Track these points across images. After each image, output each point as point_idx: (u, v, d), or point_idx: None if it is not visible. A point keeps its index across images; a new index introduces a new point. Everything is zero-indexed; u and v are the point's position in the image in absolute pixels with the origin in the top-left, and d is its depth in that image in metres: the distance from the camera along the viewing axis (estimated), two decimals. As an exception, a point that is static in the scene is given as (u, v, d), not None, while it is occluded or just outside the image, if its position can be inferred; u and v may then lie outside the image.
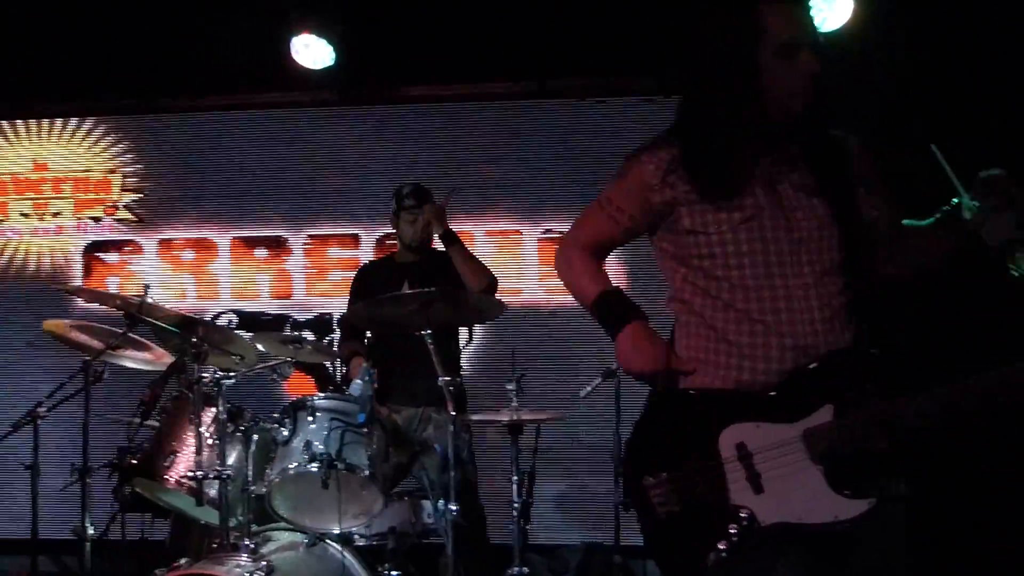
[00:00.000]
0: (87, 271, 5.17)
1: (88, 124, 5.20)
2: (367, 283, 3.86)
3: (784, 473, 1.82)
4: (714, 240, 1.89)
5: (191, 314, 3.25)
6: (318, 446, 2.91)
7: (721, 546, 1.82)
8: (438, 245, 3.87)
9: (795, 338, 1.84)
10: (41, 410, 3.45)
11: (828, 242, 1.87)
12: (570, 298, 2.23)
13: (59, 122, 5.22)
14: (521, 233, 4.85)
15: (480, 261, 3.75)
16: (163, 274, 5.10)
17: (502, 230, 4.85)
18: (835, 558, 1.82)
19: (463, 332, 4.14)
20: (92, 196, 5.19)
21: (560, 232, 4.80)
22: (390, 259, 3.98)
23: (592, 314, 2.09)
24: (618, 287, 2.10)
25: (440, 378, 2.90)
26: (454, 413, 2.86)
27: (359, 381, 2.94)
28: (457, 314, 3.24)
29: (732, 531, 1.81)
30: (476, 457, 4.58)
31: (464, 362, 4.57)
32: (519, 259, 4.83)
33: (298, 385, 4.59)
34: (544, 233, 4.84)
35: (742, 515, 1.82)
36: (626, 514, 4.06)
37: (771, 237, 1.86)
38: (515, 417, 3.15)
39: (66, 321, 3.72)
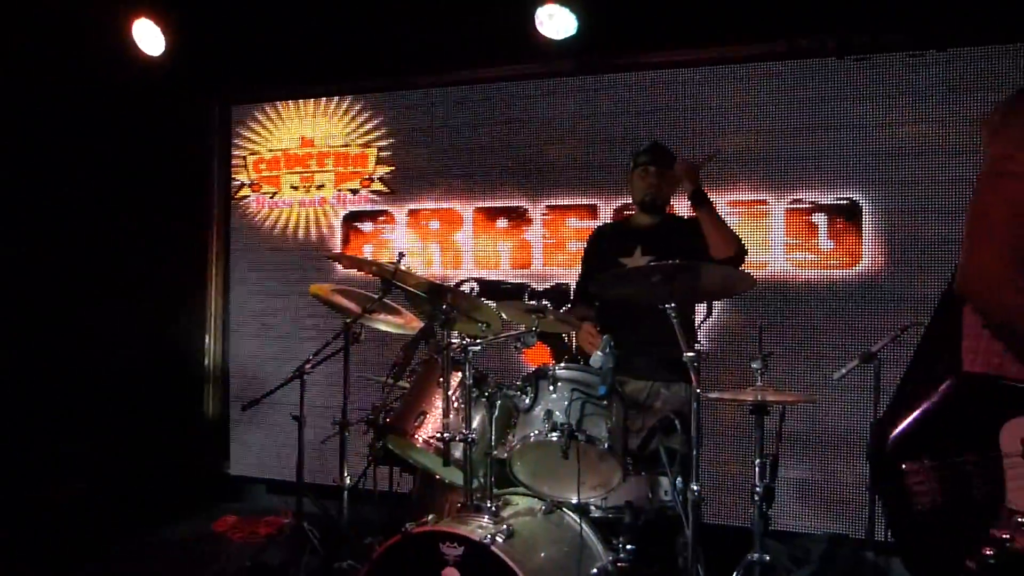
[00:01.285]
0: (345, 239, 5.54)
1: (347, 102, 5.55)
2: (600, 246, 3.82)
3: None
4: None
5: (439, 281, 3.35)
6: (559, 416, 2.91)
7: (987, 552, 1.61)
8: (678, 211, 3.73)
9: None
10: (307, 367, 3.73)
11: None
12: (820, 273, 2.05)
13: (322, 101, 5.61)
14: (767, 203, 4.59)
15: (730, 227, 3.54)
16: (412, 243, 5.36)
17: (746, 200, 4.62)
18: None
19: (701, 305, 3.98)
20: (350, 170, 5.55)
21: (810, 202, 4.50)
22: (626, 222, 3.88)
23: None
24: None
25: (684, 352, 2.78)
26: (699, 390, 2.74)
27: (600, 353, 2.89)
28: (703, 287, 3.10)
29: (1004, 536, 1.60)
30: (717, 437, 4.45)
31: (704, 337, 4.44)
32: (765, 230, 4.58)
33: (533, 354, 4.67)
34: (792, 203, 4.55)
35: (1019, 520, 1.60)
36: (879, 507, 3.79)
37: None
38: (759, 397, 2.98)
39: (329, 285, 3.99)
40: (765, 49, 4.62)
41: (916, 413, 1.75)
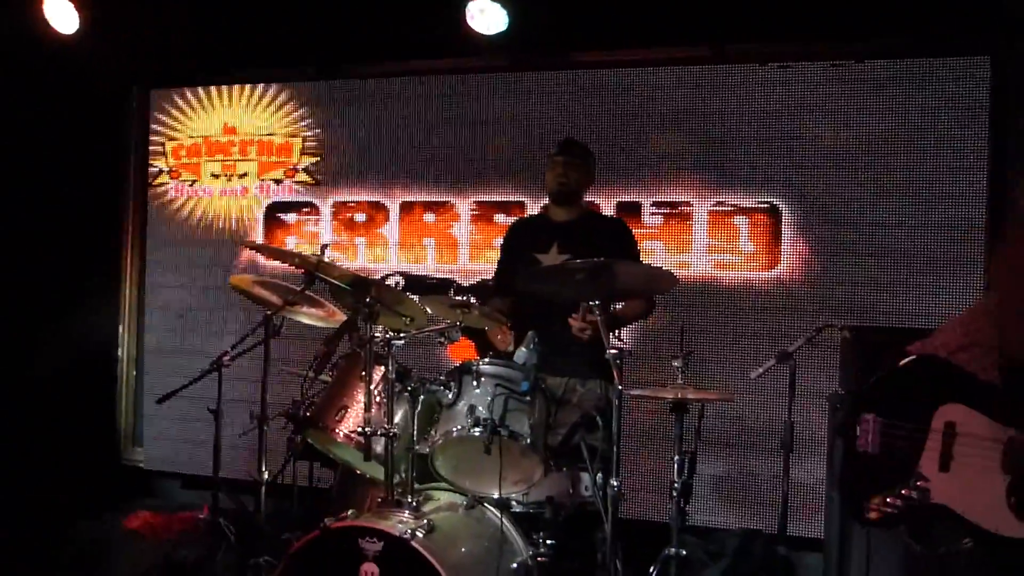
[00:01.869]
0: (268, 230, 5.44)
1: (272, 91, 5.44)
2: (517, 240, 3.85)
3: (973, 465, 1.97)
4: None
5: (363, 274, 3.31)
6: (482, 411, 2.92)
7: (889, 500, 2.06)
8: (589, 205, 3.80)
9: None
10: (225, 360, 3.64)
11: None
12: (742, 274, 2.22)
13: (247, 88, 5.49)
14: (691, 204, 4.67)
15: (641, 307, 3.72)
16: (337, 234, 5.29)
17: (671, 200, 4.70)
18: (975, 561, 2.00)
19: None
20: (274, 159, 5.45)
21: (732, 204, 4.60)
22: (542, 217, 3.90)
23: None
24: None
25: (607, 350, 2.81)
26: (621, 387, 2.77)
27: (524, 349, 2.91)
28: (625, 285, 3.13)
29: (903, 493, 2.04)
30: (638, 434, 4.51)
31: (627, 335, 4.49)
32: (688, 232, 4.66)
33: (457, 349, 4.66)
34: (715, 206, 4.64)
35: (919, 483, 2.03)
36: (792, 503, 3.90)
37: None
38: (679, 395, 3.04)
39: (250, 276, 3.90)
40: (692, 53, 4.71)
41: (883, 375, 2.23)
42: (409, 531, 2.68)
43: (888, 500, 2.04)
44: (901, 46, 4.40)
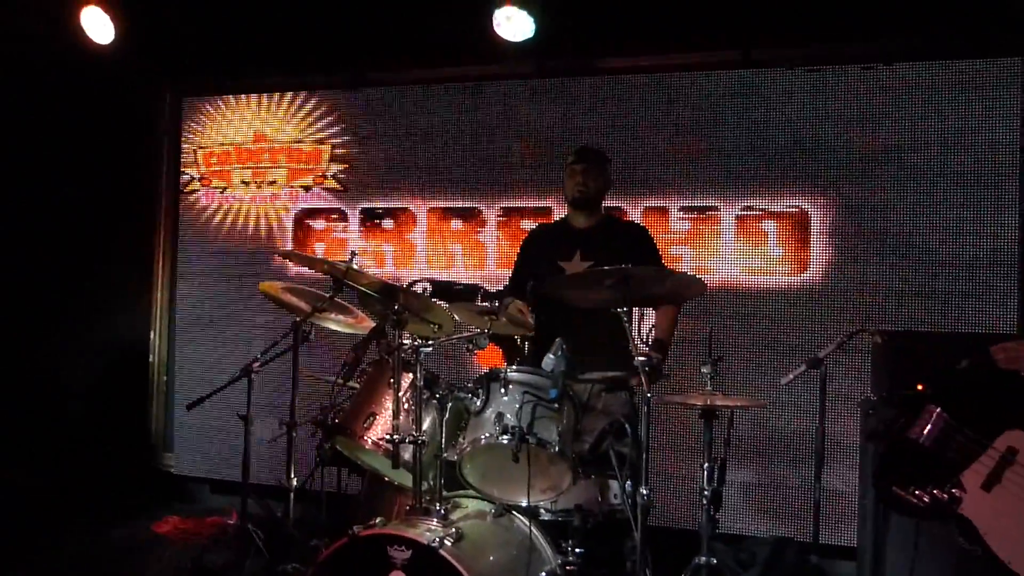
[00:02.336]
0: (297, 237, 5.47)
1: (301, 98, 5.47)
2: (537, 248, 3.85)
3: (1018, 496, 2.00)
4: None
5: (391, 281, 3.32)
6: (510, 419, 2.90)
7: (917, 492, 2.14)
8: (608, 211, 3.81)
9: None
10: (255, 365, 3.66)
11: None
12: (771, 279, 2.18)
13: (276, 96, 5.52)
14: (719, 209, 4.63)
15: (673, 315, 3.69)
16: (365, 241, 5.31)
17: (699, 205, 4.66)
18: None
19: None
20: (303, 166, 5.47)
21: (761, 209, 4.56)
22: (562, 224, 3.91)
23: None
24: None
25: (636, 356, 2.79)
26: (650, 394, 2.75)
27: (551, 356, 2.89)
28: (654, 292, 3.11)
29: (935, 494, 2.10)
30: (667, 441, 4.48)
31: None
32: (716, 236, 4.62)
33: (485, 356, 4.66)
34: (743, 210, 4.60)
35: (955, 492, 2.07)
36: (824, 511, 3.85)
37: None
38: (709, 402, 3.01)
39: (279, 283, 3.92)
40: (721, 58, 4.67)
41: (961, 372, 2.30)
42: (437, 539, 2.66)
43: (916, 492, 2.09)
44: (931, 48, 4.34)
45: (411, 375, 3.02)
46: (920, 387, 2.42)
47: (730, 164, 4.62)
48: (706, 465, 3.04)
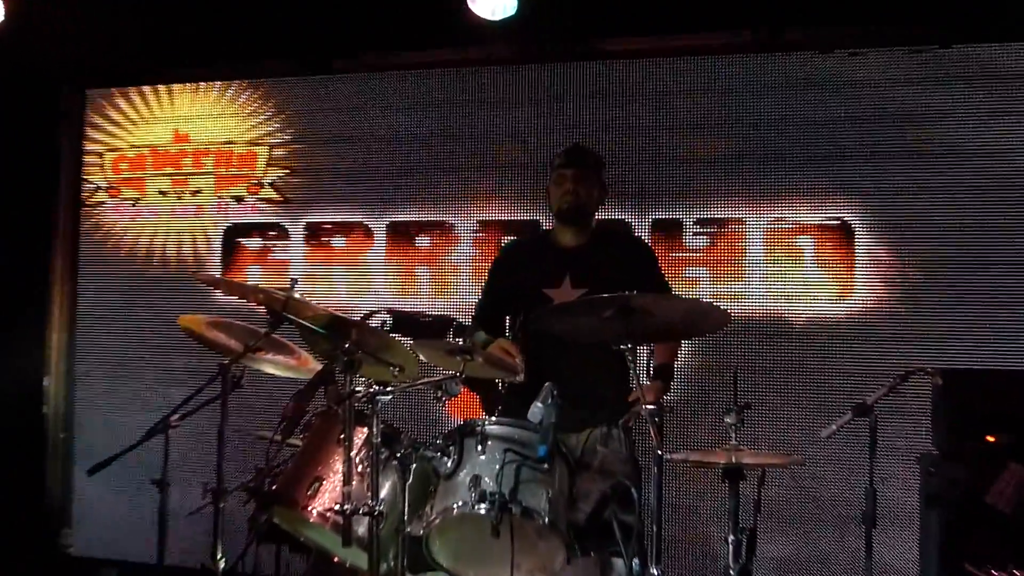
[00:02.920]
0: (226, 259, 5.45)
1: (233, 89, 5.48)
2: (513, 271, 3.79)
3: None
4: None
5: (342, 313, 3.30)
6: (488, 483, 2.87)
7: (994, 573, 2.32)
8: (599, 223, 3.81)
9: None
10: (173, 419, 3.61)
11: None
12: (808, 307, 2.15)
13: (202, 87, 5.53)
14: (744, 222, 4.65)
15: (672, 365, 3.70)
16: (310, 264, 5.30)
17: (719, 217, 4.68)
18: None
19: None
20: (234, 172, 5.47)
21: (795, 221, 4.58)
22: (545, 239, 3.86)
23: None
24: None
25: (644, 405, 2.78)
26: (660, 452, 2.74)
27: (540, 404, 2.87)
28: (663, 324, 3.10)
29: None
30: (683, 508, 4.46)
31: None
32: (741, 254, 4.64)
33: (458, 406, 4.64)
34: (773, 223, 4.62)
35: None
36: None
37: None
38: (734, 459, 3.01)
39: (203, 317, 3.88)
40: (741, 40, 4.71)
41: None
42: (399, 633, 2.63)
43: (994, 572, 2.09)
44: (998, 27, 4.38)
45: (366, 430, 2.99)
46: (992, 438, 2.41)
47: (757, 167, 4.65)
48: (731, 538, 3.03)
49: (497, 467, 2.89)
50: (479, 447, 2.96)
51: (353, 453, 2.97)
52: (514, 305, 3.67)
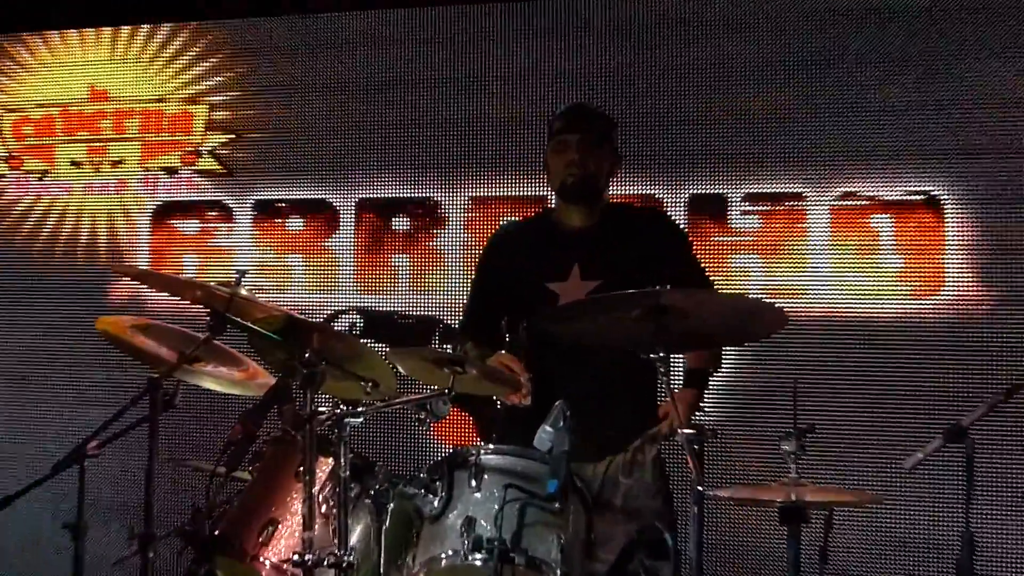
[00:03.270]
0: (156, 246, 5.47)
1: (164, 34, 5.49)
2: (510, 260, 3.76)
3: None
4: None
5: (300, 313, 3.31)
6: (485, 526, 2.87)
7: None
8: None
9: None
10: (91, 446, 3.61)
11: None
12: (886, 303, 2.10)
13: (124, 31, 5.54)
14: (804, 198, 4.65)
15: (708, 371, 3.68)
16: (260, 252, 5.32)
17: (773, 191, 4.69)
18: None
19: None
20: (166, 137, 5.48)
21: (868, 197, 4.57)
22: (548, 221, 3.82)
23: None
24: None
25: (682, 430, 2.78)
26: (701, 487, 2.74)
27: (549, 428, 2.87)
28: (703, 327, 3.09)
29: None
30: (729, 556, 4.47)
31: (708, 402, 4.45)
32: (802, 239, 4.65)
33: (446, 430, 4.66)
34: (842, 198, 4.61)
35: None
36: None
37: None
38: (794, 496, 3.00)
39: (127, 319, 3.89)
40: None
41: None
42: None
43: None
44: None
45: (331, 460, 2.99)
46: None
47: (821, 130, 4.64)
48: (792, 591, 3.03)
49: (496, 507, 2.87)
50: (473, 482, 2.96)
51: (315, 489, 2.98)
52: (511, 304, 3.66)
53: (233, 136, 5.40)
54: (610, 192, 3.77)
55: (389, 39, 5.18)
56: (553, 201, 3.82)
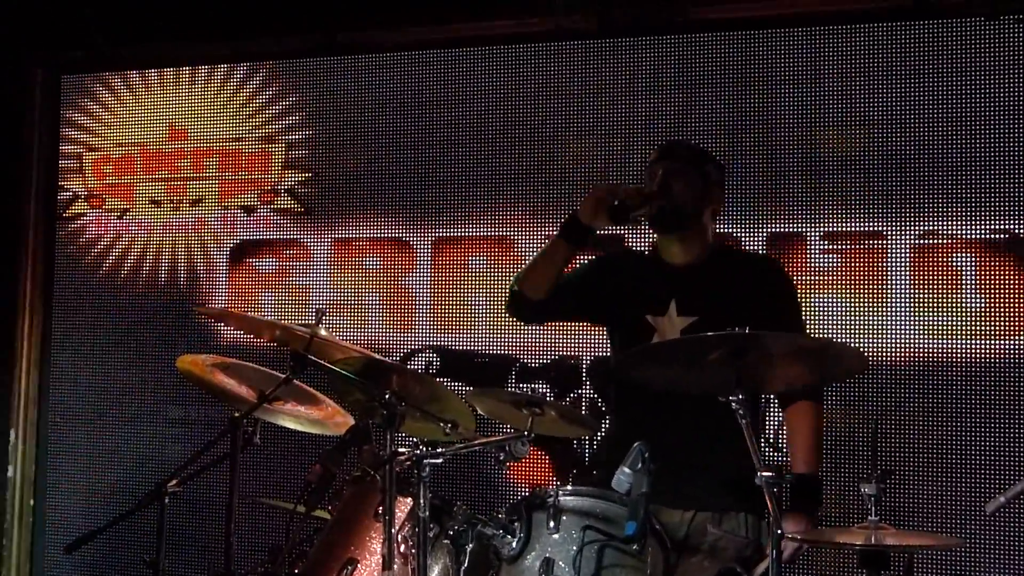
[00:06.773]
0: (233, 284, 5.54)
1: (242, 73, 5.58)
2: (618, 280, 3.72)
3: None
4: None
5: (379, 353, 3.36)
6: (563, 567, 2.90)
7: None
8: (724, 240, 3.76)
9: None
10: (171, 484, 3.69)
11: None
12: (969, 344, 2.09)
13: (203, 71, 5.64)
14: (885, 237, 4.64)
15: (814, 418, 3.51)
16: (338, 290, 5.36)
17: (853, 230, 4.68)
18: None
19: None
20: (244, 176, 5.56)
21: (949, 235, 4.55)
22: (652, 255, 3.78)
23: None
24: None
25: (758, 470, 2.79)
26: (781, 531, 2.75)
27: (628, 470, 2.89)
28: (783, 372, 3.11)
29: None
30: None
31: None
32: (880, 279, 4.63)
33: (525, 470, 4.68)
34: (923, 237, 4.60)
35: None
36: None
37: None
38: (874, 540, 3.00)
39: (206, 358, 3.96)
40: (883, 3, 4.71)
41: None
42: None
43: None
44: None
45: (410, 500, 3.03)
46: None
47: (902, 167, 4.64)
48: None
49: (574, 548, 2.91)
50: (551, 523, 2.97)
51: (395, 530, 3.02)
52: (610, 328, 3.68)
53: (310, 175, 5.45)
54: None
55: (458, 81, 5.22)
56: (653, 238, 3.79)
